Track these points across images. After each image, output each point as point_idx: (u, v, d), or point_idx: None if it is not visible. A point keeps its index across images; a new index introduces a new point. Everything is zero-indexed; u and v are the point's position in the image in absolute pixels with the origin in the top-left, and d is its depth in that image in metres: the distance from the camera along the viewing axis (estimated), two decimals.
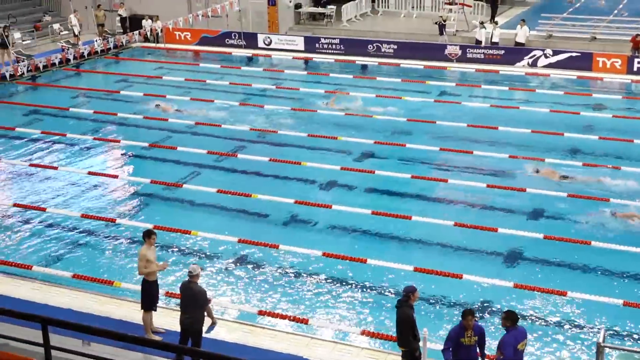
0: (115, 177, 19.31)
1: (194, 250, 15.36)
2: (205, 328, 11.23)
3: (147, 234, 11.89)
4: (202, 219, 16.88)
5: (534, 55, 29.16)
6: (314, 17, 36.26)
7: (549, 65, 28.90)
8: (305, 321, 12.68)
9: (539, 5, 38.32)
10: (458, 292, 13.66)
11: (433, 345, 11.11)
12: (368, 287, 13.92)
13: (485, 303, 13.30)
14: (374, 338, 12.23)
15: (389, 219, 16.43)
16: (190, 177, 19.17)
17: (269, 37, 33.10)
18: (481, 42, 30.37)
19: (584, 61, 28.40)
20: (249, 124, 22.93)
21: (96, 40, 32.61)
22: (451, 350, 10.00)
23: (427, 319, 12.57)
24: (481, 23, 31.04)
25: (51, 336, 8.19)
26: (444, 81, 28.22)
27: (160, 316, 12.18)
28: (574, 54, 28.71)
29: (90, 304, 13.00)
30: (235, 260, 14.93)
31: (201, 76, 29.09)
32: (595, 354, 9.75)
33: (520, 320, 10.02)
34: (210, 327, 11.63)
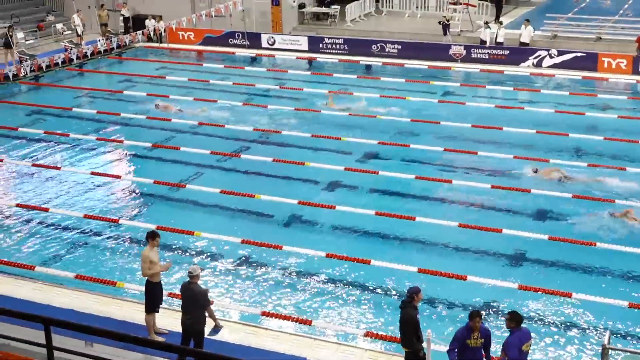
0: (118, 177, 19.27)
1: (197, 251, 15.32)
2: (207, 330, 11.16)
3: (151, 235, 11.83)
4: (205, 220, 16.85)
5: (539, 55, 29.07)
6: (318, 17, 36.19)
7: (554, 66, 28.81)
8: (308, 322, 12.64)
9: (544, 5, 38.23)
10: (462, 293, 13.60)
11: (437, 347, 11.08)
12: (371, 288, 13.87)
13: (489, 304, 13.23)
14: (378, 339, 12.18)
15: (392, 220, 16.37)
16: (194, 177, 19.13)
17: (273, 37, 33.06)
18: (486, 42, 30.28)
19: (589, 61, 28.32)
20: (253, 124, 22.88)
21: (99, 40, 32.61)
22: (456, 351, 9.95)
23: (431, 320, 12.53)
24: (486, 23, 30.94)
25: (53, 337, 8.14)
26: (448, 81, 28.15)
27: (163, 317, 12.14)
28: (579, 54, 28.63)
29: (92, 304, 12.98)
30: (238, 261, 14.89)
31: (204, 76, 29.06)
32: (600, 355, 9.69)
33: (524, 322, 9.95)
34: (214, 331, 11.39)
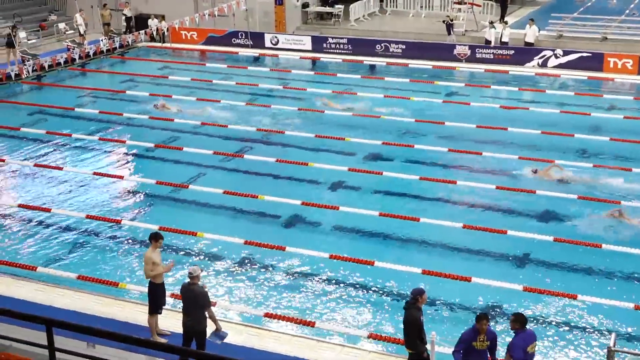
0: (121, 177, 19.20)
1: (199, 252, 15.26)
2: (208, 332, 11.05)
3: (154, 236, 11.77)
4: (207, 220, 16.80)
5: (544, 55, 28.94)
6: (322, 16, 36.11)
7: (559, 66, 28.68)
8: (311, 324, 12.57)
9: (549, 4, 38.05)
10: (466, 295, 13.52)
11: (441, 349, 11.03)
12: (375, 289, 13.80)
13: (494, 306, 13.16)
14: (381, 341, 12.11)
15: (396, 221, 16.28)
16: (196, 177, 19.06)
17: (276, 37, 32.99)
18: (490, 42, 30.16)
19: (594, 61, 28.17)
20: (256, 125, 22.80)
21: (102, 40, 32.56)
22: (462, 352, 9.90)
23: (435, 322, 12.46)
24: (491, 23, 30.81)
25: (55, 338, 8.09)
26: (452, 81, 28.03)
27: (166, 318, 12.08)
28: (585, 54, 28.49)
29: (94, 305, 12.94)
30: (241, 262, 14.82)
31: (207, 76, 28.99)
32: (606, 358, 9.61)
33: (529, 324, 9.88)
34: (215, 335, 11.14)
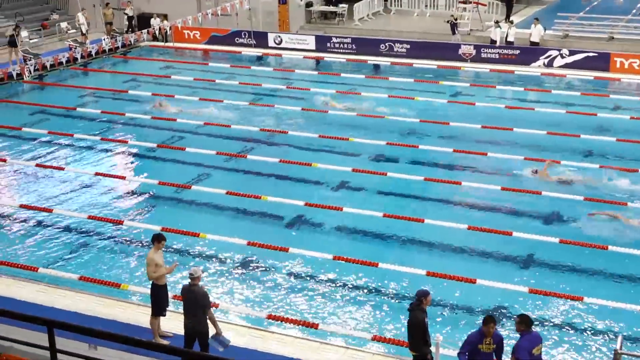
0: (123, 178, 19.13)
1: (202, 253, 15.18)
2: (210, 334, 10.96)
3: (157, 238, 11.71)
4: (210, 221, 16.72)
5: (550, 55, 28.80)
6: (326, 15, 36.03)
7: (565, 66, 28.53)
8: (315, 326, 12.50)
9: (555, 4, 37.87)
10: (471, 297, 13.43)
11: (446, 351, 10.97)
12: (379, 291, 13.72)
13: (499, 308, 13.06)
14: (385, 343, 12.04)
15: (400, 222, 16.18)
16: (199, 178, 18.98)
17: (280, 36, 32.91)
18: (496, 41, 30.02)
19: (601, 61, 28.02)
20: (259, 125, 22.72)
21: (104, 39, 32.53)
22: (467, 354, 9.81)
23: (439, 324, 12.40)
24: (496, 22, 30.67)
25: (56, 339, 8.06)
26: (457, 81, 27.92)
27: (168, 320, 11.99)
28: (591, 54, 28.34)
29: (96, 306, 12.88)
30: (244, 263, 14.75)
31: (210, 76, 28.91)
32: None
33: (535, 326, 9.80)
34: (215, 339, 10.94)
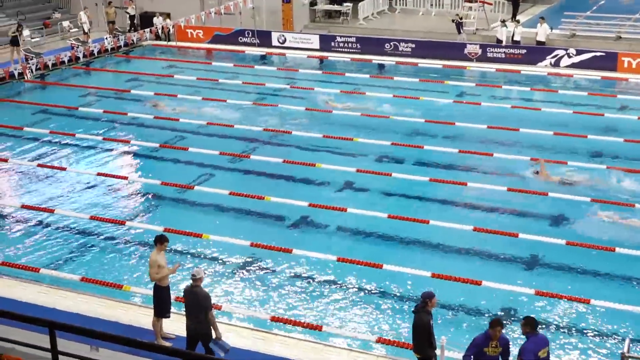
0: (125, 178, 19.04)
1: (204, 254, 15.10)
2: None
3: (160, 239, 11.65)
4: (213, 222, 16.64)
5: (557, 54, 28.64)
6: (330, 14, 35.93)
7: (572, 65, 28.39)
8: (318, 328, 12.43)
9: (562, 3, 37.65)
10: (477, 299, 13.35)
11: (451, 354, 10.89)
12: (384, 293, 13.64)
13: (505, 310, 12.99)
14: (390, 345, 11.95)
15: (405, 223, 16.07)
16: (202, 178, 18.89)
17: (283, 35, 32.80)
18: (502, 41, 29.84)
19: (608, 61, 27.86)
20: (262, 125, 22.62)
21: (106, 38, 32.46)
22: (472, 357, 9.72)
23: (445, 326, 12.30)
24: (502, 21, 30.48)
25: (58, 340, 7.99)
26: (463, 81, 27.81)
27: (171, 322, 11.90)
28: (598, 54, 28.17)
29: (98, 308, 12.83)
30: (247, 265, 14.66)
31: (214, 75, 28.82)
32: None
33: (541, 329, 9.70)
34: (215, 344, 10.77)
